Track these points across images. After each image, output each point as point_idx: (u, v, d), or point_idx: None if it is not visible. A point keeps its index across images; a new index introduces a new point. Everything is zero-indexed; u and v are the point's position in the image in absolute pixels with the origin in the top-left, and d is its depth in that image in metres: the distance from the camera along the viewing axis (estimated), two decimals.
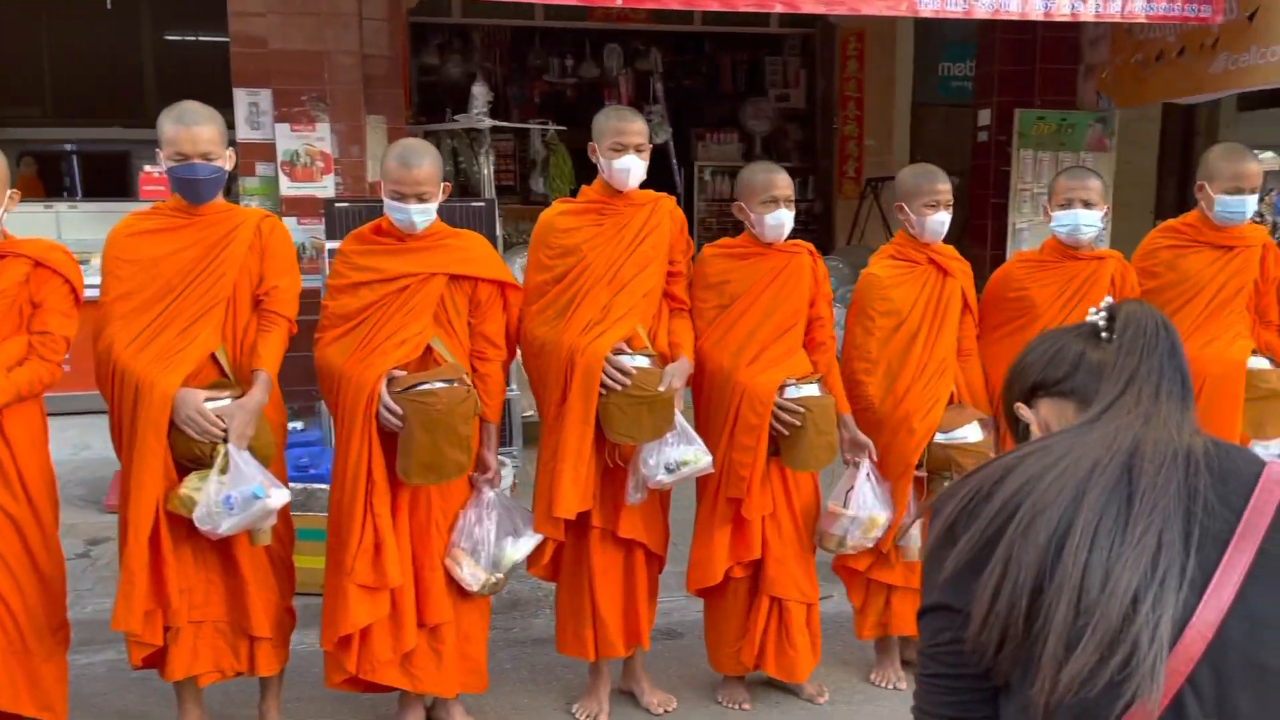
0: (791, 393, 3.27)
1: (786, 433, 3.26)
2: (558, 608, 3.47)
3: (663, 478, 3.18)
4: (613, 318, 3.23)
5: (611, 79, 8.58)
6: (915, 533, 3.51)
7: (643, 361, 3.19)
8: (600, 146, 3.27)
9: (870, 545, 3.42)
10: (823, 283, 3.49)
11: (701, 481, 3.36)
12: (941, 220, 3.46)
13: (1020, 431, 1.35)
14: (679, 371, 3.25)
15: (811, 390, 3.30)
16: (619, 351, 3.17)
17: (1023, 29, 6.81)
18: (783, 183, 3.33)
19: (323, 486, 4.38)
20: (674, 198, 3.44)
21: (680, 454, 3.19)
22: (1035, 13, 5.35)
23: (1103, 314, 1.28)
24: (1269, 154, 8.01)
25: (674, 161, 8.64)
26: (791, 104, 9.87)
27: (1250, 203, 3.49)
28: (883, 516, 3.36)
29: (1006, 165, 7.04)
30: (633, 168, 3.23)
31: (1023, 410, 1.32)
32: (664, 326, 3.37)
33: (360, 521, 2.98)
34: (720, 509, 3.35)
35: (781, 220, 3.32)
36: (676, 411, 3.20)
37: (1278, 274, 3.62)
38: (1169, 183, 9.77)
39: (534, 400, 6.26)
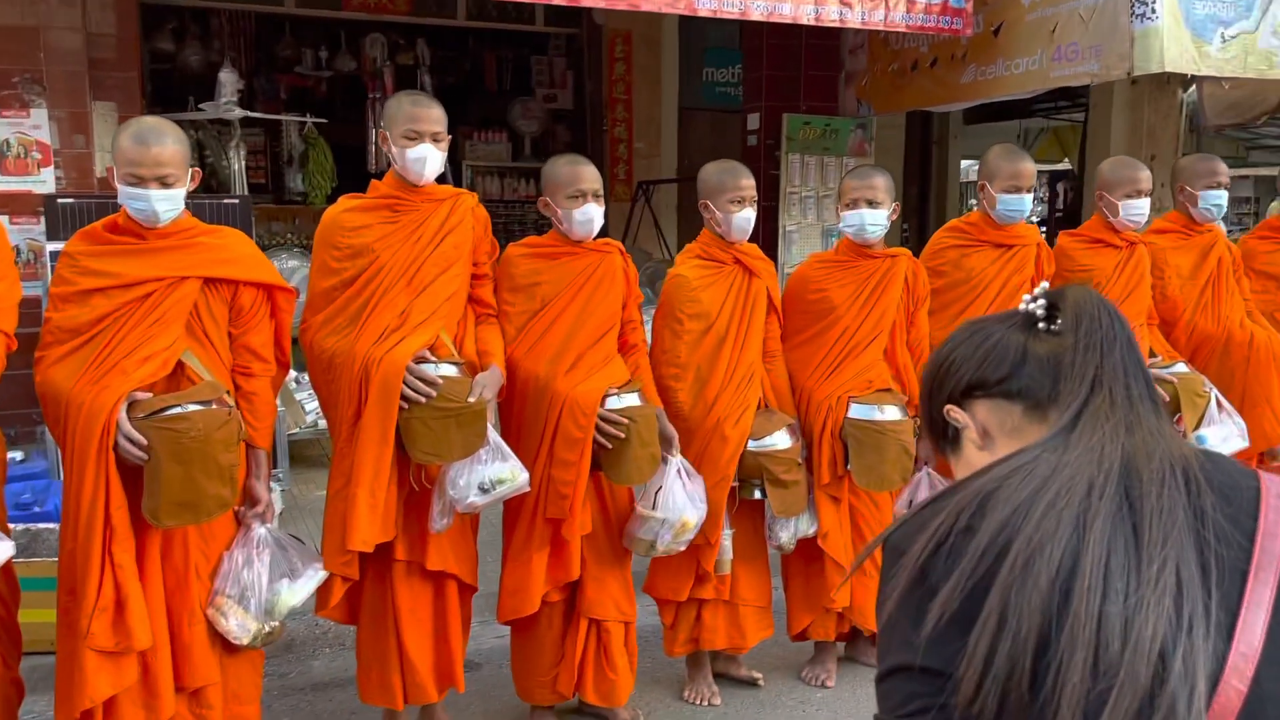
0: (614, 403, 3.06)
1: (609, 445, 3.04)
2: (359, 652, 3.09)
3: (475, 499, 2.88)
4: (413, 323, 2.91)
5: (375, 69, 8.08)
6: (728, 544, 3.39)
7: (450, 370, 2.88)
8: (393, 134, 2.94)
9: (682, 549, 3.25)
10: (633, 284, 3.31)
11: (512, 502, 3.08)
12: (747, 217, 3.37)
13: (950, 437, 1.18)
14: (490, 381, 2.96)
15: (633, 399, 3.10)
16: (422, 360, 2.85)
17: (788, 34, 6.94)
18: (590, 176, 3.12)
19: (50, 526, 3.78)
20: (474, 194, 3.15)
21: (495, 472, 2.89)
22: (806, 17, 5.41)
23: (1041, 302, 1.13)
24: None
25: (446, 162, 8.25)
26: (560, 104, 9.68)
27: (1027, 201, 3.61)
28: (694, 517, 3.17)
29: (776, 169, 7.16)
30: (429, 158, 2.92)
31: (955, 414, 1.15)
32: (470, 334, 3.07)
33: (98, 575, 2.50)
34: (538, 530, 3.09)
35: (591, 216, 3.10)
36: (489, 425, 2.91)
37: (1049, 271, 3.76)
38: (912, 188, 10.37)
39: (299, 416, 5.76)
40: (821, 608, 3.57)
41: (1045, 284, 1.17)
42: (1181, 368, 3.72)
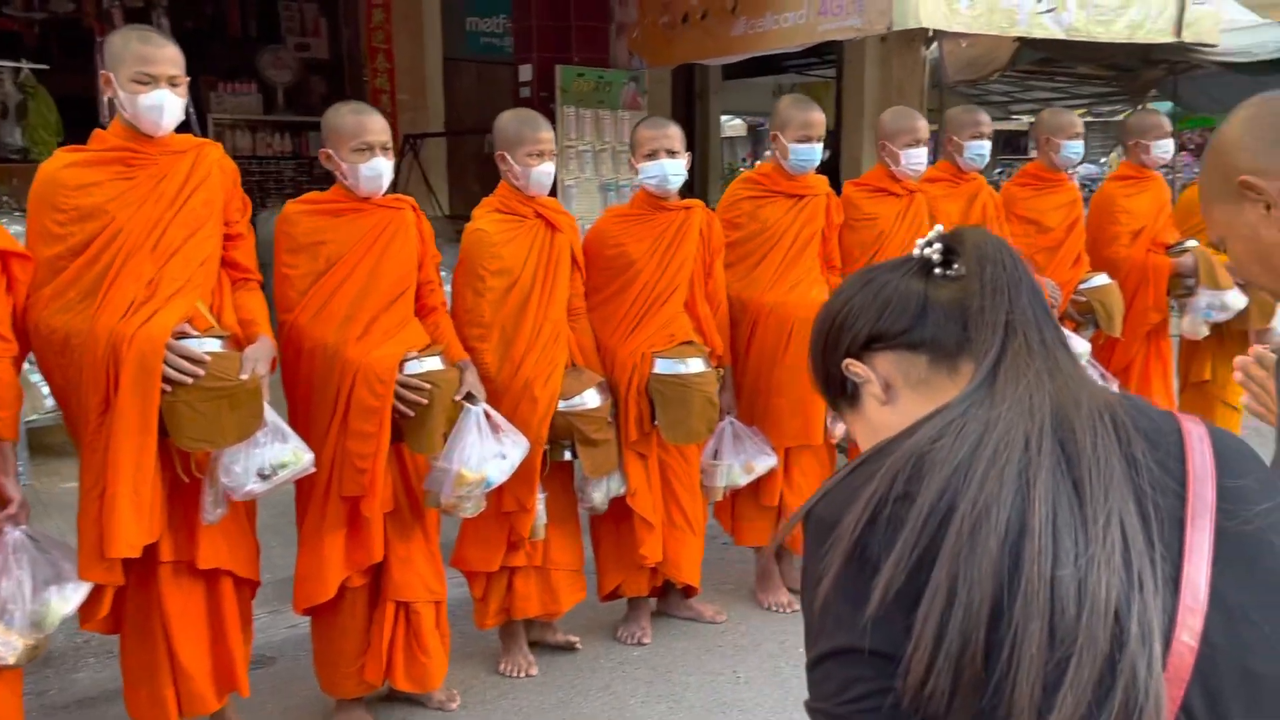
0: (414, 367, 2.85)
1: (411, 413, 2.83)
2: (124, 666, 2.76)
3: (254, 486, 2.61)
4: (164, 294, 2.58)
5: (101, 11, 7.23)
6: (542, 508, 3.27)
7: (214, 345, 2.58)
8: (119, 78, 2.57)
9: (470, 507, 3.04)
10: (429, 242, 3.09)
11: (303, 482, 2.82)
12: (547, 171, 3.23)
13: (848, 393, 1.10)
14: (262, 354, 2.68)
15: (435, 364, 2.91)
16: (182, 335, 2.54)
17: None
18: (377, 127, 2.88)
19: None
20: (219, 144, 2.83)
21: (276, 455, 2.63)
22: None
23: (937, 246, 1.06)
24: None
25: (191, 112, 7.54)
26: (314, 54, 9.08)
27: (818, 150, 3.66)
28: (475, 472, 2.94)
29: (551, 122, 7.00)
30: (166, 104, 2.58)
31: (856, 368, 1.07)
32: (228, 302, 2.77)
33: None
34: (332, 510, 2.85)
35: (379, 170, 2.87)
36: (265, 403, 2.64)
37: (838, 221, 3.85)
38: None
39: (36, 401, 5.12)
40: (634, 565, 3.53)
41: (939, 227, 1.10)
42: None
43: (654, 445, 3.46)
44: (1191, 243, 4.73)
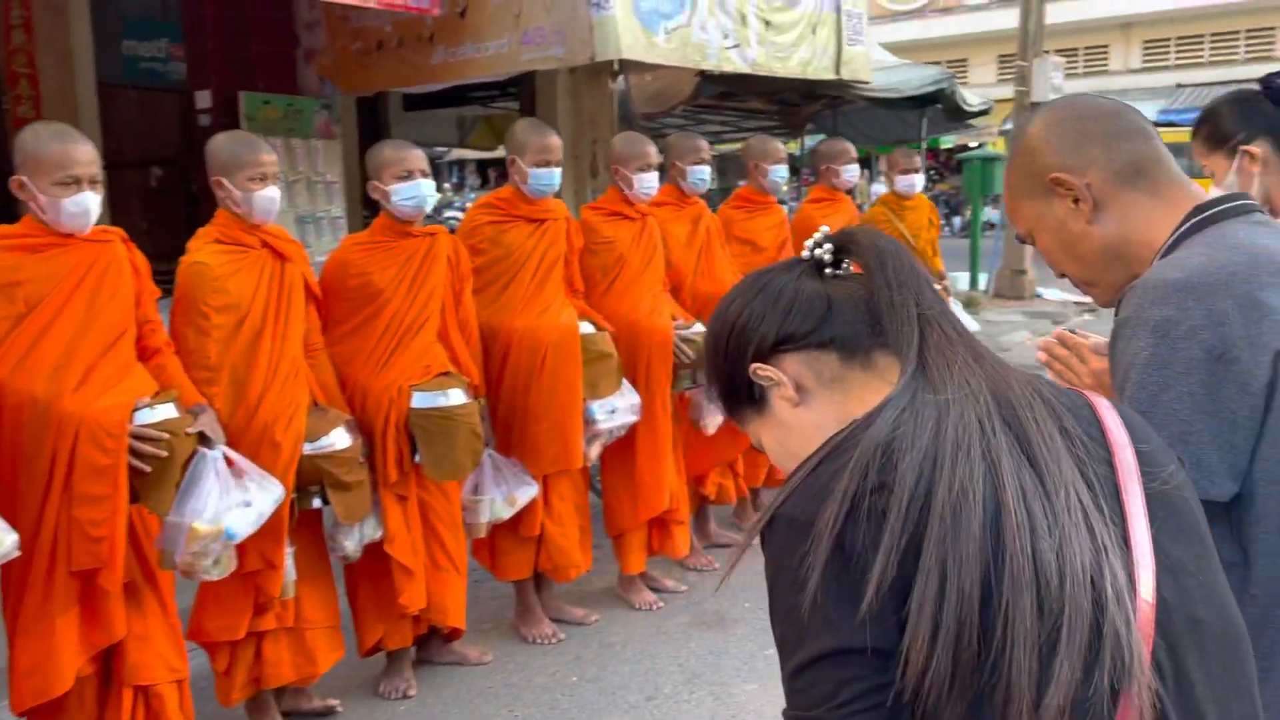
0: (146, 416, 2.51)
1: (147, 469, 2.49)
2: None
3: None
4: None
5: None
6: (290, 563, 2.99)
7: None
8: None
9: (215, 569, 2.75)
10: (145, 277, 2.75)
11: (11, 565, 2.39)
12: (271, 196, 2.97)
13: (755, 398, 1.07)
14: None
15: (169, 411, 2.58)
16: None
17: (231, 6, 6.36)
18: (86, 157, 2.53)
19: None
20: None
21: None
22: None
23: (828, 247, 1.07)
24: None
25: None
26: None
27: (557, 174, 3.64)
28: (209, 524, 2.64)
29: None
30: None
31: (767, 372, 1.05)
32: None
33: None
34: (59, 590, 2.44)
35: (86, 206, 2.53)
36: None
37: (579, 244, 3.85)
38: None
39: None
40: (395, 615, 3.31)
41: (825, 229, 1.11)
42: (700, 327, 4.02)
43: (412, 485, 3.27)
44: None
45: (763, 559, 0.95)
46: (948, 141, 19.54)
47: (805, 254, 1.08)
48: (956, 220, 22.53)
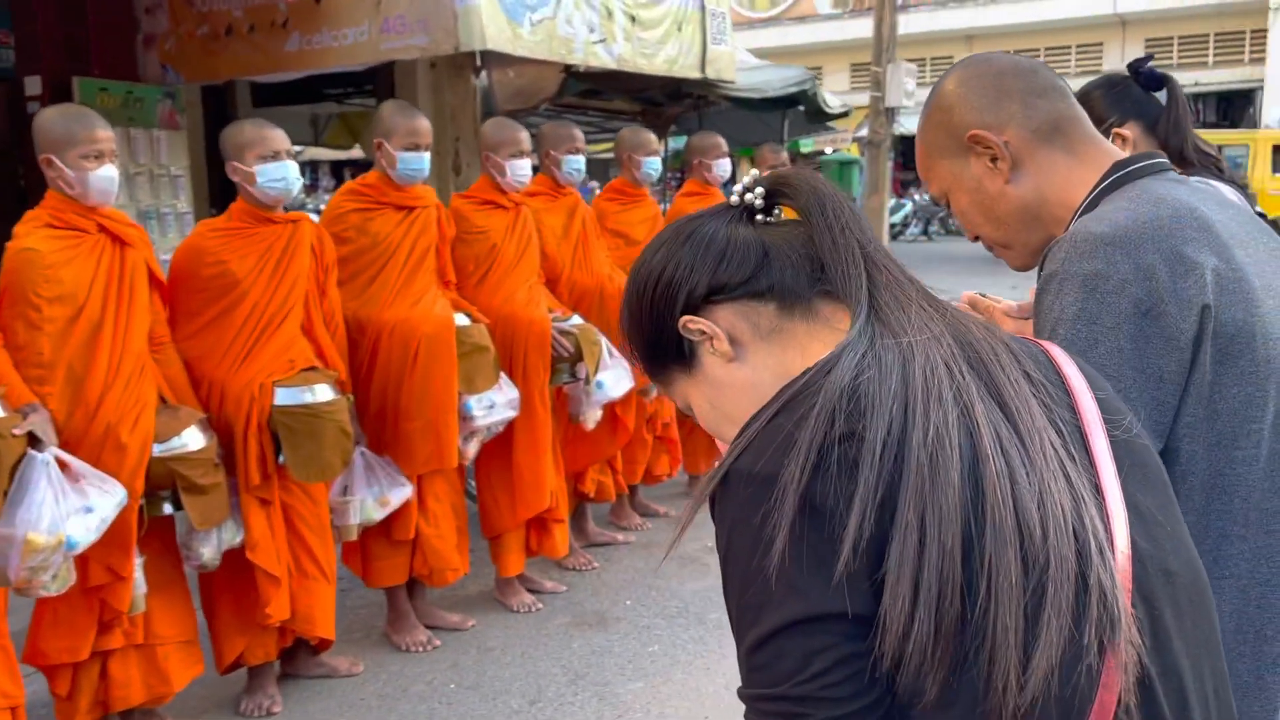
0: None
1: None
2: None
3: None
4: None
5: None
6: (140, 575, 2.74)
7: None
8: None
9: (52, 583, 2.52)
10: None
11: None
12: (109, 176, 2.74)
13: (685, 354, 0.98)
14: None
15: None
16: None
17: None
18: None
19: None
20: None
21: None
22: None
23: (760, 191, 0.99)
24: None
25: None
26: None
27: (426, 159, 3.48)
28: (47, 536, 2.40)
29: None
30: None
31: (698, 324, 0.96)
32: None
33: None
34: None
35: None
36: None
37: (450, 233, 3.70)
38: (215, 170, 9.65)
39: None
40: (257, 627, 3.08)
41: (756, 172, 1.04)
42: (578, 319, 3.92)
43: (275, 488, 3.05)
44: None
45: (645, 556, 0.86)
46: (806, 145, 20.00)
47: (734, 199, 1.00)
48: None
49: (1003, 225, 1.36)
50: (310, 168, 29.01)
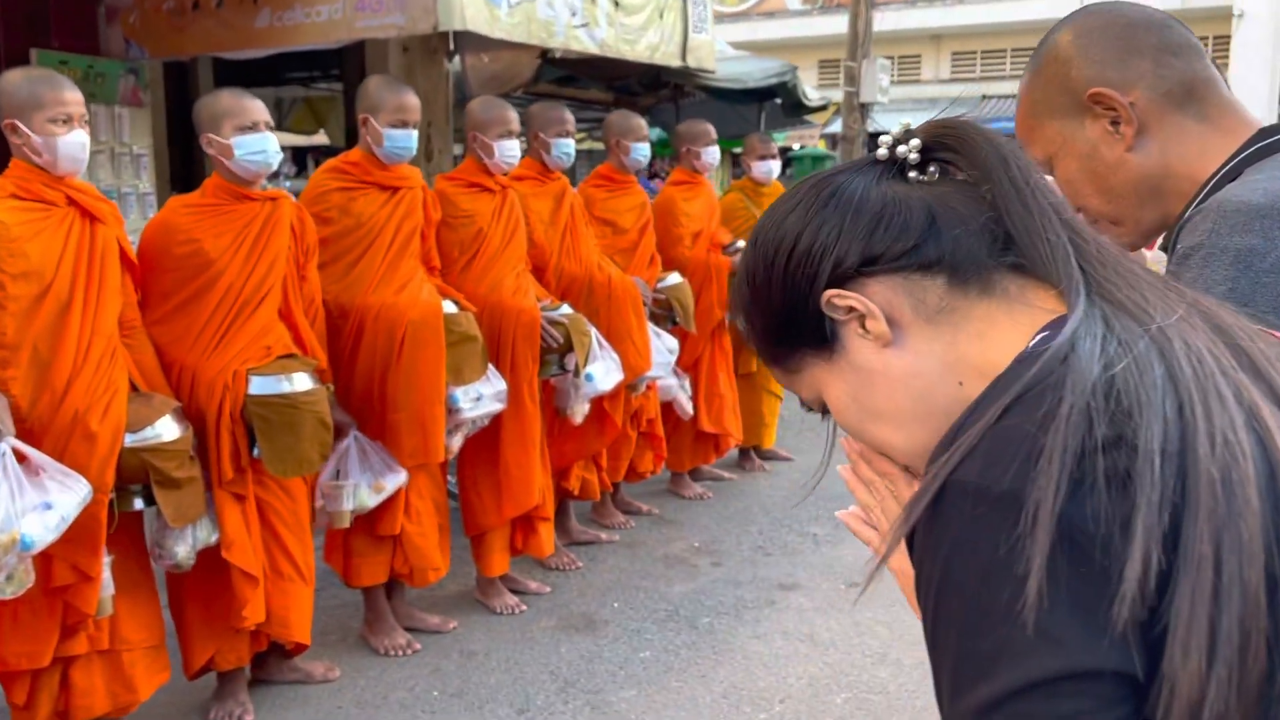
0: None
1: None
2: None
3: None
4: None
5: None
6: (108, 575, 2.55)
7: None
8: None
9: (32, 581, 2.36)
10: None
11: None
12: (80, 141, 2.56)
13: (826, 337, 0.82)
14: None
15: None
16: None
17: None
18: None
19: None
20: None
21: None
22: None
23: (914, 143, 0.82)
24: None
25: None
26: None
27: (414, 137, 3.31)
28: (40, 525, 2.26)
29: None
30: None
31: (845, 299, 0.80)
32: None
33: None
34: None
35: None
36: None
37: (436, 217, 3.52)
38: (175, 149, 9.35)
39: None
40: (229, 630, 2.90)
41: (909, 121, 0.87)
42: (567, 309, 3.76)
43: (249, 482, 2.87)
44: (741, 243, 5.07)
45: (629, 556, 0.69)
46: (779, 139, 19.92)
47: (881, 152, 0.84)
48: None
49: (1116, 198, 1.20)
50: None
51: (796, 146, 20.51)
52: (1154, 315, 0.71)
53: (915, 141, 0.82)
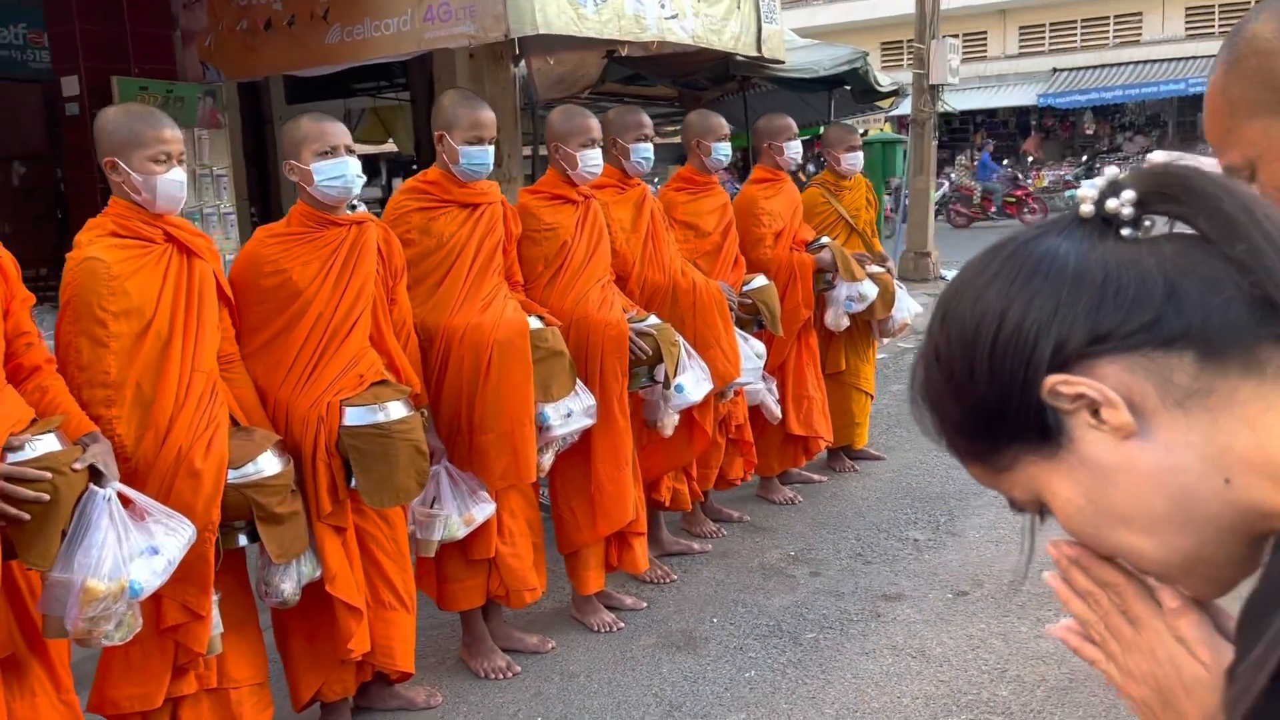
0: (23, 453, 2.07)
1: (26, 516, 2.05)
2: None
3: None
4: None
5: None
6: (217, 614, 2.54)
7: None
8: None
9: (113, 631, 2.30)
10: (14, 282, 2.31)
11: None
12: (178, 180, 2.54)
13: (1049, 431, 0.70)
14: None
15: (51, 443, 2.16)
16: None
17: None
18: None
19: None
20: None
21: None
22: None
23: (1128, 195, 0.70)
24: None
25: None
26: None
27: (490, 153, 3.25)
28: (105, 582, 2.19)
29: None
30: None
31: (1074, 386, 0.68)
32: None
33: None
34: None
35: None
36: None
37: (517, 231, 3.47)
38: (252, 168, 9.49)
39: None
40: (335, 662, 2.88)
41: (1114, 169, 0.75)
42: (654, 319, 3.68)
43: (349, 514, 2.84)
44: (825, 239, 4.94)
45: (724, 567, 0.57)
46: None
47: (1086, 208, 0.72)
48: None
49: None
50: None
51: (862, 132, 20.19)
52: None
53: (1129, 194, 0.70)
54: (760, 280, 4.43)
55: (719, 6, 6.47)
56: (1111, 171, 0.73)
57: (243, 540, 2.60)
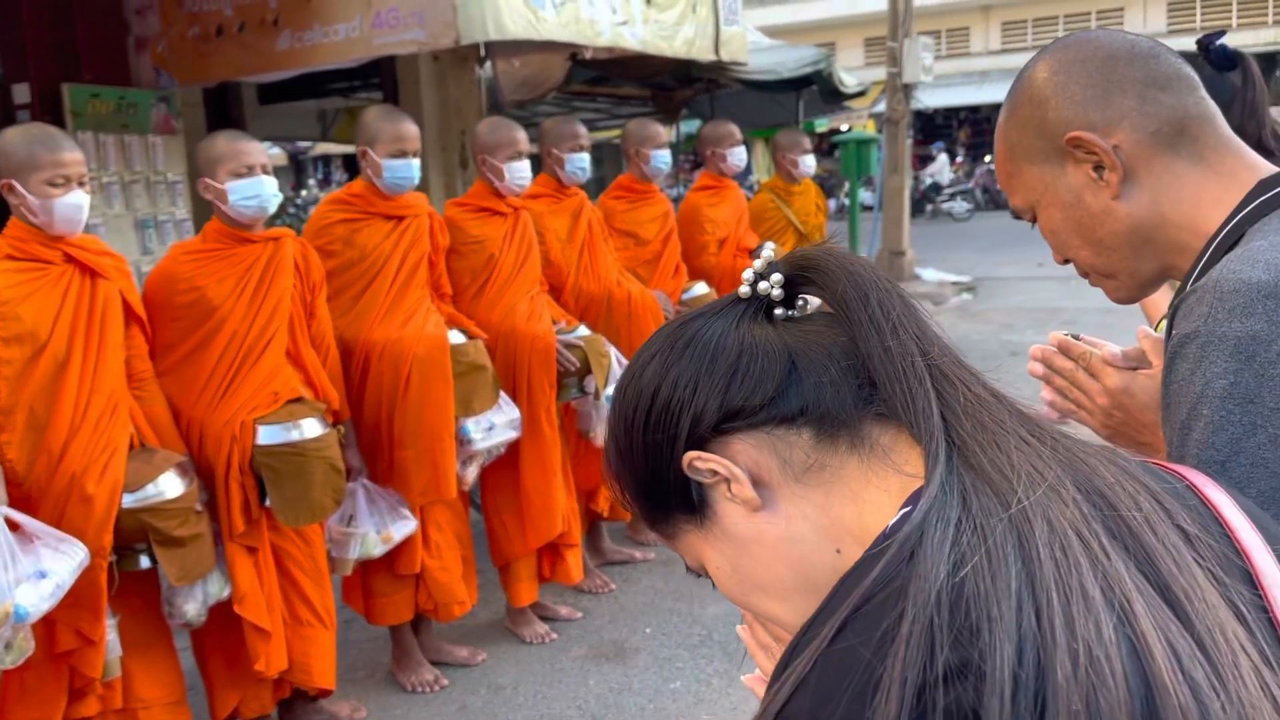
0: None
1: None
2: None
3: None
4: None
5: None
6: (114, 637, 2.53)
7: None
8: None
9: (33, 649, 2.34)
10: None
11: None
12: (76, 203, 2.52)
13: (695, 502, 0.74)
14: None
15: None
16: None
17: None
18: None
19: None
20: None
21: None
22: None
23: (776, 278, 0.73)
24: None
25: None
26: None
27: (415, 166, 3.24)
28: (35, 595, 2.23)
29: None
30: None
31: (706, 462, 0.71)
32: None
33: None
34: None
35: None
36: None
37: (444, 243, 3.46)
38: None
39: None
40: (253, 679, 2.87)
41: (768, 250, 0.78)
42: (584, 330, 3.68)
43: (264, 532, 2.83)
44: (769, 245, 4.93)
45: (664, 575, 0.60)
46: (821, 125, 19.62)
47: (743, 289, 0.75)
48: (832, 203, 22.76)
49: (1105, 250, 1.07)
50: (322, 162, 28.91)
51: (844, 128, 20.19)
52: (1017, 486, 0.60)
53: (777, 276, 0.74)
54: (700, 288, 4.43)
55: (671, 12, 6.47)
56: (768, 252, 0.75)
57: (145, 563, 2.59)
